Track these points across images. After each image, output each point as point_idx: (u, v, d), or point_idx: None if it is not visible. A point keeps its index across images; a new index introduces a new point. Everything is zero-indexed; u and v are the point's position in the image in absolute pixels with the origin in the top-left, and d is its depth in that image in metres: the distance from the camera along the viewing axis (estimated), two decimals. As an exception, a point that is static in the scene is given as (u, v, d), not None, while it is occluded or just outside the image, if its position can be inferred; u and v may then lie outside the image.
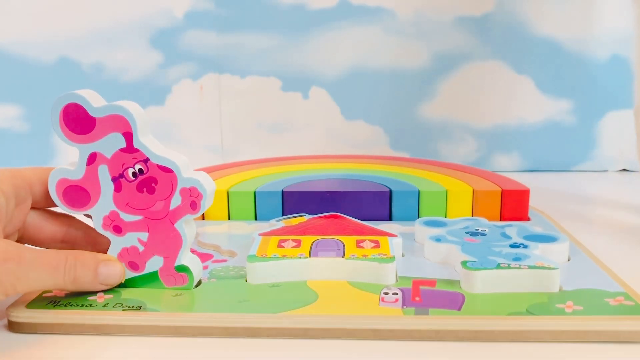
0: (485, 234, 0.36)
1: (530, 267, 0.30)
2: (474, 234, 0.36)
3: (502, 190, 0.44)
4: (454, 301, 0.29)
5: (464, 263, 0.31)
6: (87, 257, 0.29)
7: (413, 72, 0.66)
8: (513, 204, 0.44)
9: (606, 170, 0.67)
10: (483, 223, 0.39)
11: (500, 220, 0.44)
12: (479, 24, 0.64)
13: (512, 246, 0.33)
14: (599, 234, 0.44)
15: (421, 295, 0.29)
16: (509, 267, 0.30)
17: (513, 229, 0.37)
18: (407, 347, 0.26)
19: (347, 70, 0.67)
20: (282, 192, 0.46)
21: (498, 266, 0.30)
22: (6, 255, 0.26)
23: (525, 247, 0.34)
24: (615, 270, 0.33)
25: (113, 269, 0.30)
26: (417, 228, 0.39)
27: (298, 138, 0.68)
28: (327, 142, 0.69)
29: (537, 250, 0.33)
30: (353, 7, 0.65)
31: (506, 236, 0.36)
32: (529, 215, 0.45)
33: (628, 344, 0.26)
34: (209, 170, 0.52)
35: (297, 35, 0.65)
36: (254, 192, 0.46)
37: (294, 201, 0.45)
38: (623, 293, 0.30)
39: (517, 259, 0.31)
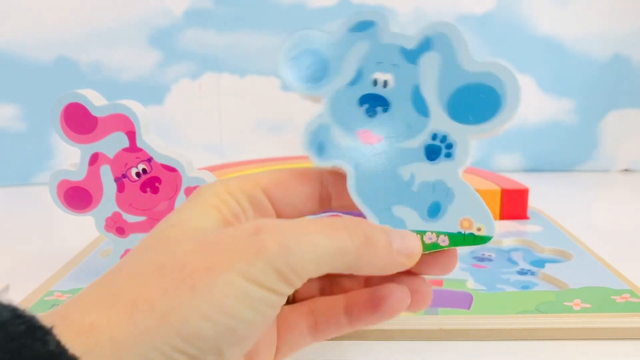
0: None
1: (451, 238, 0.21)
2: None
3: (501, 189, 0.44)
4: (463, 300, 0.28)
5: None
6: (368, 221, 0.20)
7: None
8: (512, 203, 0.44)
9: (608, 170, 0.67)
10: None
11: (500, 218, 0.44)
12: (480, 22, 0.64)
13: (428, 156, 0.27)
14: (601, 233, 0.44)
15: (429, 294, 0.29)
16: (423, 244, 0.22)
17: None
18: (418, 346, 0.26)
19: (347, 69, 0.66)
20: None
21: None
22: (258, 227, 0.17)
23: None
24: (618, 268, 0.33)
25: (408, 235, 0.20)
26: None
27: (298, 138, 0.68)
28: (327, 141, 0.68)
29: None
30: (353, 6, 0.64)
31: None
32: (529, 214, 0.45)
33: (635, 341, 0.26)
34: (208, 170, 0.52)
35: (297, 34, 0.65)
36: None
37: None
38: (629, 290, 0.30)
39: (435, 207, 0.28)
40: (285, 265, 0.16)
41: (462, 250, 0.37)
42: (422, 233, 0.21)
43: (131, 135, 0.29)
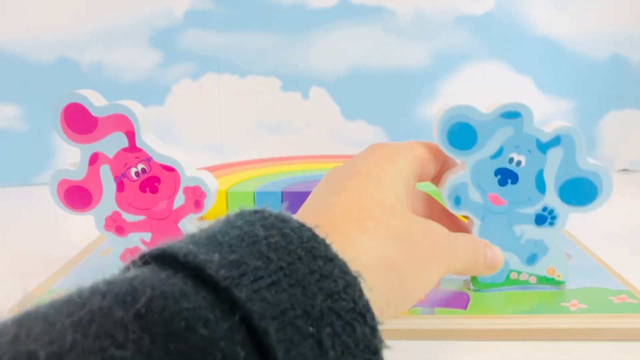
0: (517, 176, 0.28)
1: (538, 279, 0.30)
2: (506, 173, 0.28)
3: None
4: (459, 300, 0.29)
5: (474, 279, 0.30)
6: (476, 237, 0.26)
7: (413, 72, 0.66)
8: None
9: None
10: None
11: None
12: (480, 23, 0.64)
13: (537, 222, 0.29)
14: (599, 233, 0.44)
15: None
16: (517, 280, 0.30)
17: (553, 166, 0.28)
18: (414, 346, 0.26)
19: (347, 70, 0.66)
20: (282, 192, 0.46)
21: (507, 279, 0.30)
22: (439, 233, 0.23)
23: (552, 222, 0.29)
24: (617, 269, 0.33)
25: (497, 252, 0.26)
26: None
27: (298, 138, 0.68)
28: (327, 142, 0.68)
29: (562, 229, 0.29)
30: (353, 6, 0.64)
31: (541, 183, 0.28)
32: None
33: (632, 342, 0.26)
34: (208, 170, 0.52)
35: (297, 35, 0.65)
36: (254, 193, 0.46)
37: (294, 202, 0.45)
38: (626, 291, 0.30)
39: (532, 257, 0.29)
40: (451, 269, 0.23)
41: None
42: (519, 272, 0.30)
43: (130, 135, 0.29)
